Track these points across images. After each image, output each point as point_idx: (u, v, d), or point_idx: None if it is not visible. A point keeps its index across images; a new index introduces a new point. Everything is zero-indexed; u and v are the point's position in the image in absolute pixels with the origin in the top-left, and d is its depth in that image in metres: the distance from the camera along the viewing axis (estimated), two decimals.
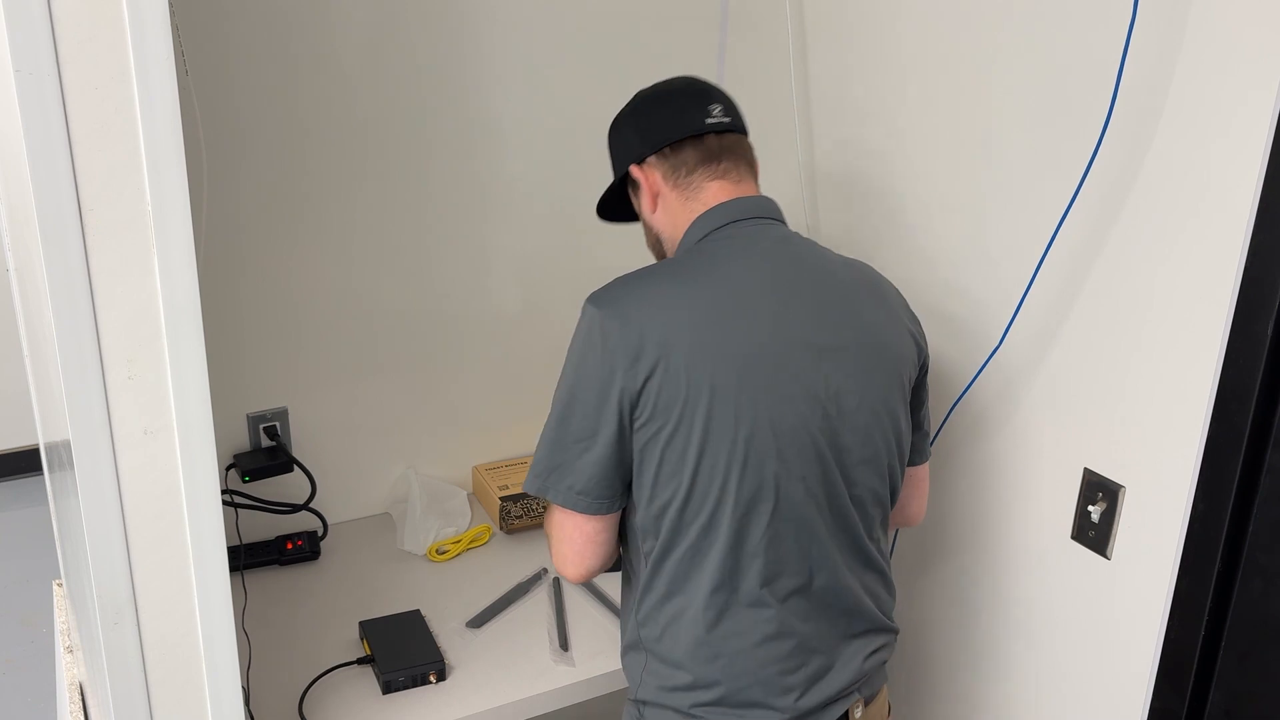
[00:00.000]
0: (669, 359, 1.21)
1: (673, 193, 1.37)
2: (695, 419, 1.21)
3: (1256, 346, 1.19)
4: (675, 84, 1.43)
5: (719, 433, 1.22)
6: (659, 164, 1.37)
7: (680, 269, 1.30)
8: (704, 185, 1.35)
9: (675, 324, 1.22)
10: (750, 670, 1.28)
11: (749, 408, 1.22)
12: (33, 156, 1.00)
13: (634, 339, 1.21)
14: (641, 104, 1.42)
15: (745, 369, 1.23)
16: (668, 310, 1.24)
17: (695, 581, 1.27)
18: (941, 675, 1.73)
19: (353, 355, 1.88)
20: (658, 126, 1.37)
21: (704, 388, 1.21)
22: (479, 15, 1.81)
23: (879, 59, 1.71)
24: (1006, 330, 1.48)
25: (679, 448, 1.23)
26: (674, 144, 1.35)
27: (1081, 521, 1.44)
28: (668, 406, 1.21)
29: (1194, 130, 1.23)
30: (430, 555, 1.84)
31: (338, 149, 1.77)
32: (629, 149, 1.40)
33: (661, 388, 1.21)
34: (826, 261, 1.35)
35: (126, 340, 1.08)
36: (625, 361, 1.21)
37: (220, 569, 1.20)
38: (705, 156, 1.35)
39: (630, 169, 1.39)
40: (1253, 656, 1.28)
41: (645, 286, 1.28)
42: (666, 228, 1.39)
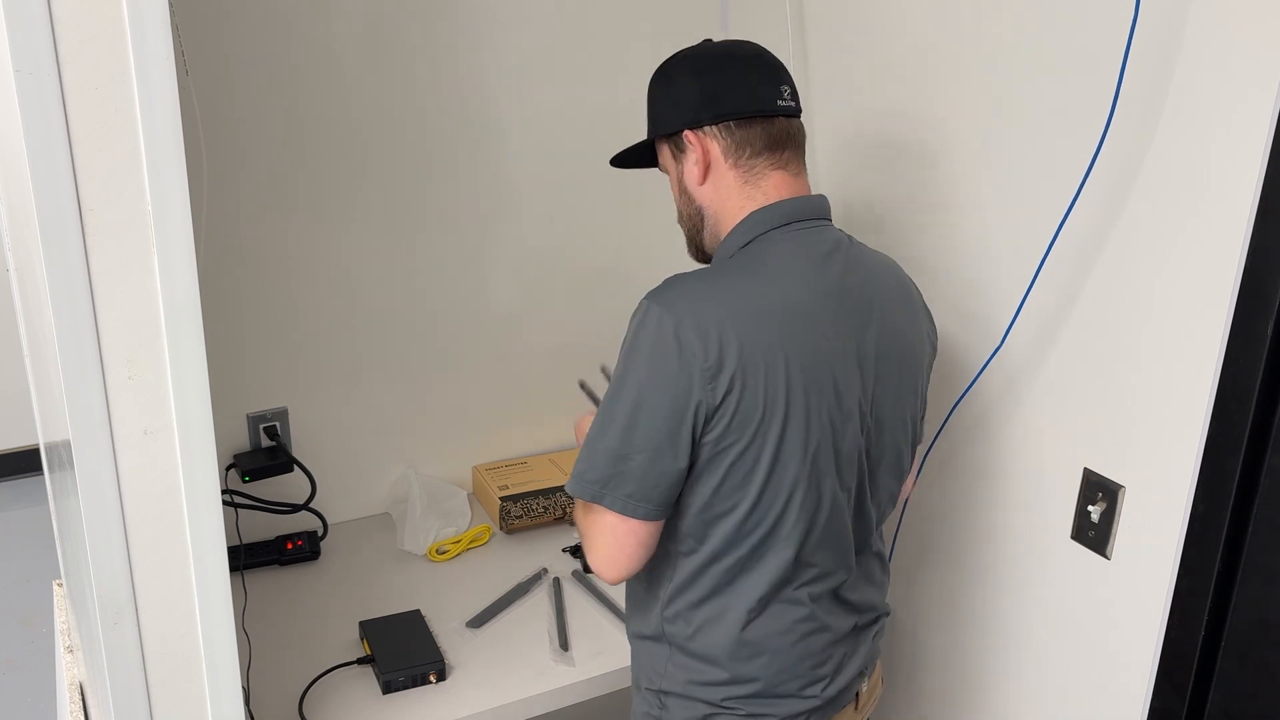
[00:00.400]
0: (746, 374, 1.16)
1: (731, 171, 1.27)
2: (768, 436, 1.18)
3: (1256, 346, 1.19)
4: (746, 49, 1.31)
5: (789, 451, 1.20)
6: (721, 136, 1.27)
7: (746, 274, 1.23)
8: (767, 173, 1.27)
9: (752, 338, 1.17)
10: (788, 666, 1.29)
11: (815, 426, 1.21)
12: (33, 156, 1.00)
13: (714, 352, 1.15)
14: (709, 63, 1.30)
15: (812, 386, 1.20)
16: (743, 322, 1.17)
17: (743, 587, 1.26)
18: (941, 675, 1.73)
19: (353, 355, 1.88)
20: (729, 94, 1.26)
21: (779, 405, 1.18)
22: (479, 15, 1.81)
23: (879, 59, 1.71)
24: (1007, 330, 1.48)
25: (748, 463, 1.19)
26: (743, 119, 1.26)
27: (1081, 521, 1.44)
28: (743, 424, 1.17)
29: (1194, 130, 1.23)
30: (430, 555, 1.84)
31: (338, 149, 1.77)
32: (686, 109, 1.29)
33: (739, 404, 1.16)
34: (872, 268, 1.32)
35: (126, 340, 1.08)
36: (704, 375, 1.15)
37: (220, 569, 1.20)
38: (772, 141, 1.27)
39: (685, 132, 1.28)
40: (1253, 656, 1.28)
41: (717, 293, 1.20)
42: (714, 205, 1.30)
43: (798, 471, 1.21)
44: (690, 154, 1.29)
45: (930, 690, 1.76)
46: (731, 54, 1.30)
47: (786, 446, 1.20)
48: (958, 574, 1.67)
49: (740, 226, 1.27)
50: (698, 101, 1.27)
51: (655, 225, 2.08)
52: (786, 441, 1.19)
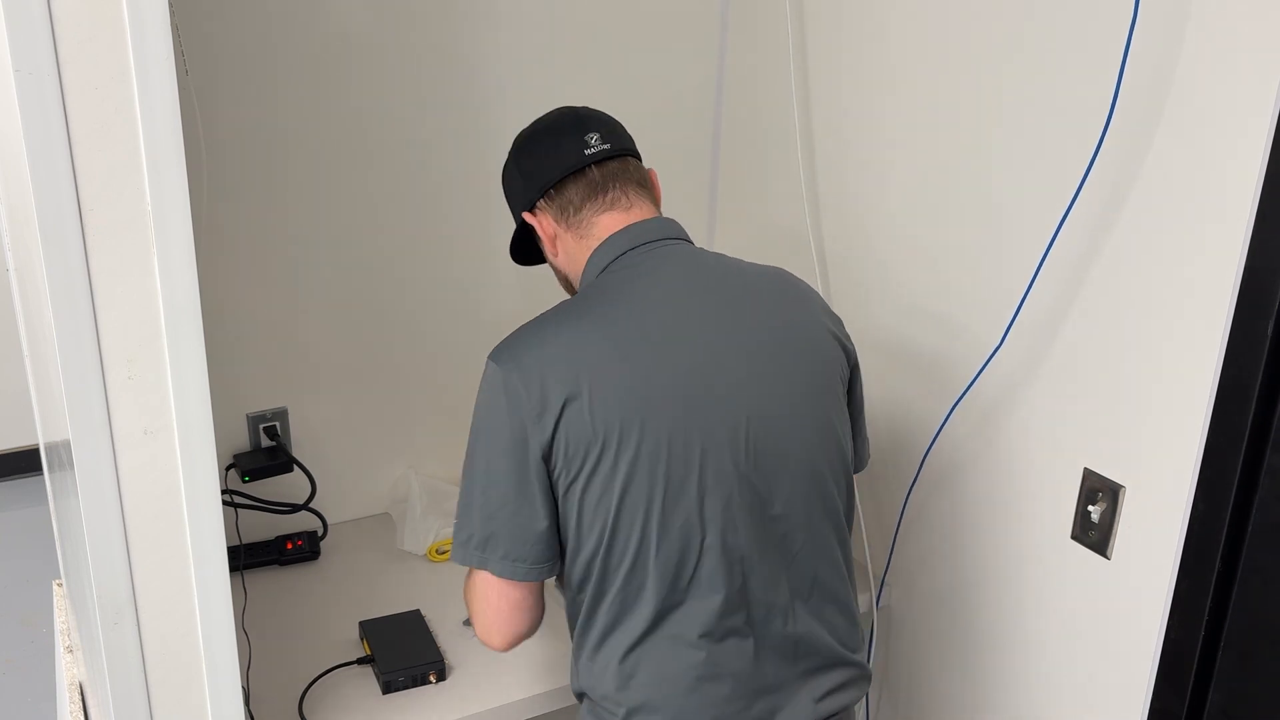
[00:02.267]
0: (574, 403, 1.17)
1: (568, 233, 1.33)
2: (606, 462, 1.17)
3: (1256, 346, 1.19)
4: (547, 120, 1.38)
5: (636, 473, 1.17)
6: (548, 207, 1.33)
7: (579, 307, 1.26)
8: (594, 220, 1.31)
9: (577, 366, 1.18)
10: (685, 715, 1.22)
11: (664, 443, 1.17)
12: (33, 156, 1.00)
13: (535, 390, 1.17)
14: (520, 147, 1.38)
15: (658, 401, 1.18)
16: (569, 353, 1.19)
17: (626, 627, 1.22)
18: (941, 675, 1.73)
19: (353, 355, 1.88)
20: (538, 169, 1.34)
21: (614, 428, 1.17)
22: (479, 16, 1.81)
23: (879, 59, 1.71)
24: (1007, 330, 1.48)
25: (596, 493, 1.18)
26: (557, 184, 1.31)
27: (1081, 521, 1.43)
28: (578, 453, 1.17)
29: (1194, 130, 1.23)
30: (430, 555, 1.84)
31: (338, 149, 1.77)
32: (518, 196, 1.38)
33: (570, 435, 1.17)
34: (737, 273, 1.31)
35: (126, 340, 1.08)
36: (533, 414, 1.17)
37: (220, 569, 1.20)
38: (590, 190, 1.31)
39: (524, 216, 1.36)
40: (1253, 656, 1.28)
41: (543, 332, 1.23)
42: (570, 268, 1.36)
43: (650, 492, 1.18)
44: (539, 233, 1.36)
45: (930, 690, 1.76)
46: (533, 130, 1.38)
47: (630, 468, 1.17)
48: (957, 574, 1.67)
49: (586, 270, 1.31)
50: (522, 186, 1.36)
51: None
52: (629, 463, 1.17)
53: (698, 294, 1.26)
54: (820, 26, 1.82)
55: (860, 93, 1.75)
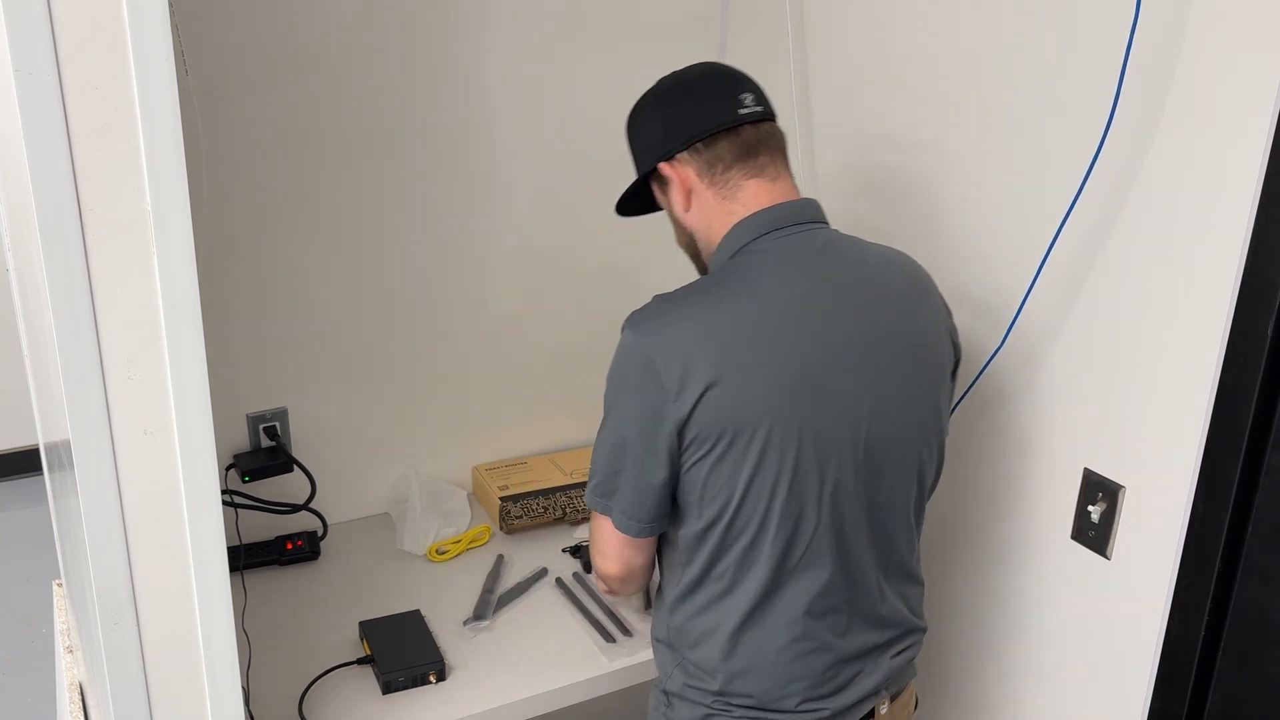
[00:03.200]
0: (714, 389, 1.18)
1: (709, 190, 1.30)
2: (739, 446, 1.20)
3: (1256, 346, 1.19)
4: (698, 70, 1.35)
5: (766, 459, 1.20)
6: (692, 160, 1.30)
7: (722, 289, 1.25)
8: (741, 184, 1.29)
9: (720, 352, 1.19)
10: (781, 684, 1.28)
11: (794, 434, 1.20)
12: (33, 156, 1.00)
13: (676, 371, 1.19)
14: (666, 94, 1.34)
15: (792, 392, 1.20)
16: (712, 337, 1.20)
17: (733, 599, 1.27)
18: (941, 675, 1.73)
19: (353, 355, 1.88)
20: (687, 119, 1.29)
21: (750, 417, 1.19)
22: (477, 16, 1.81)
23: (879, 59, 1.71)
24: (1008, 331, 1.48)
25: (724, 472, 1.21)
26: (707, 138, 1.28)
27: (1081, 521, 1.44)
28: (711, 435, 1.20)
29: (1195, 130, 1.23)
30: (430, 555, 1.84)
31: (338, 148, 1.77)
32: (655, 143, 1.33)
33: (709, 415, 1.19)
34: (871, 266, 1.31)
35: (126, 340, 1.08)
36: (671, 394, 1.19)
37: (220, 569, 1.20)
38: (742, 151, 1.28)
39: (659, 165, 1.32)
40: (1252, 657, 1.28)
41: (688, 309, 1.24)
42: (702, 227, 1.33)
43: (776, 477, 1.21)
44: (671, 184, 1.32)
45: (930, 690, 1.76)
46: (682, 79, 1.34)
47: (766, 459, 1.20)
48: (957, 574, 1.67)
49: (724, 242, 1.29)
50: (663, 134, 1.31)
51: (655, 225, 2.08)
52: (766, 455, 1.20)
53: (834, 286, 1.27)
54: (820, 27, 1.82)
55: (860, 93, 1.75)
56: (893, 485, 1.30)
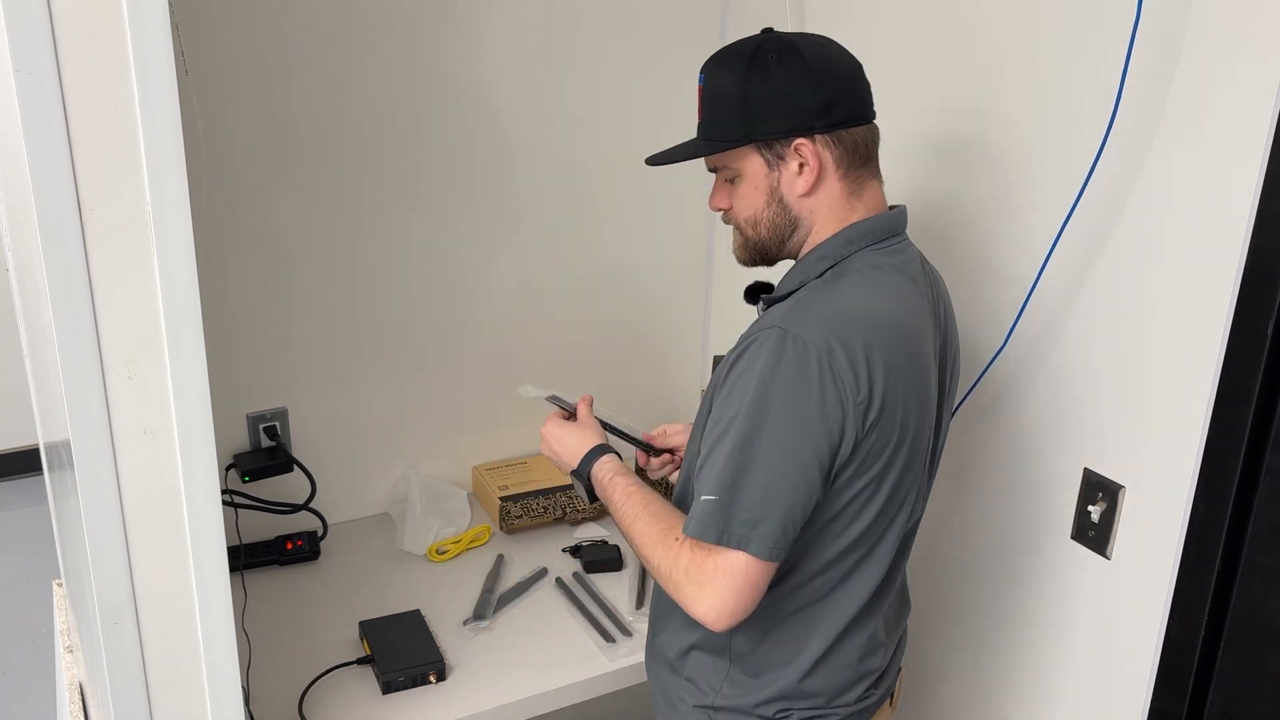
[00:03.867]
0: (887, 402, 1.12)
1: (840, 183, 1.19)
2: (894, 465, 1.16)
3: (1256, 346, 1.19)
4: (836, 49, 1.22)
5: (907, 479, 1.19)
6: (833, 145, 1.18)
7: (871, 291, 1.16)
8: (868, 184, 1.21)
9: (891, 360, 1.12)
10: (851, 681, 1.28)
11: (919, 451, 1.20)
12: (33, 156, 1.00)
13: (864, 382, 1.10)
14: (817, 61, 1.17)
15: (921, 413, 1.18)
16: (884, 343, 1.12)
17: (829, 606, 1.23)
18: (941, 675, 1.73)
19: (353, 355, 1.88)
20: (843, 100, 1.17)
21: (907, 434, 1.16)
22: (478, 14, 1.81)
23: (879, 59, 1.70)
24: (1009, 331, 1.48)
25: (869, 491, 1.16)
26: (855, 127, 1.19)
27: (1081, 521, 1.43)
28: (878, 454, 1.14)
29: (1195, 130, 1.23)
30: (430, 555, 1.84)
31: (338, 148, 1.77)
32: (797, 113, 1.16)
33: (880, 434, 1.13)
34: (938, 284, 1.32)
35: (126, 340, 1.08)
36: (858, 409, 1.10)
37: (220, 569, 1.20)
38: (871, 149, 1.21)
39: (797, 141, 1.17)
40: (1253, 657, 1.28)
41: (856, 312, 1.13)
42: (813, 216, 1.21)
43: (904, 497, 1.20)
44: (792, 162, 1.19)
45: (930, 690, 1.76)
46: (830, 54, 1.20)
47: (904, 473, 1.19)
48: (957, 574, 1.67)
49: (835, 239, 1.19)
50: (813, 106, 1.16)
51: (656, 224, 2.09)
52: (906, 468, 1.19)
53: (935, 307, 1.26)
54: (820, 27, 1.82)
55: None
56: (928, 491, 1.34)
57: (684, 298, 2.16)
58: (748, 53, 1.20)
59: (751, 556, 1.11)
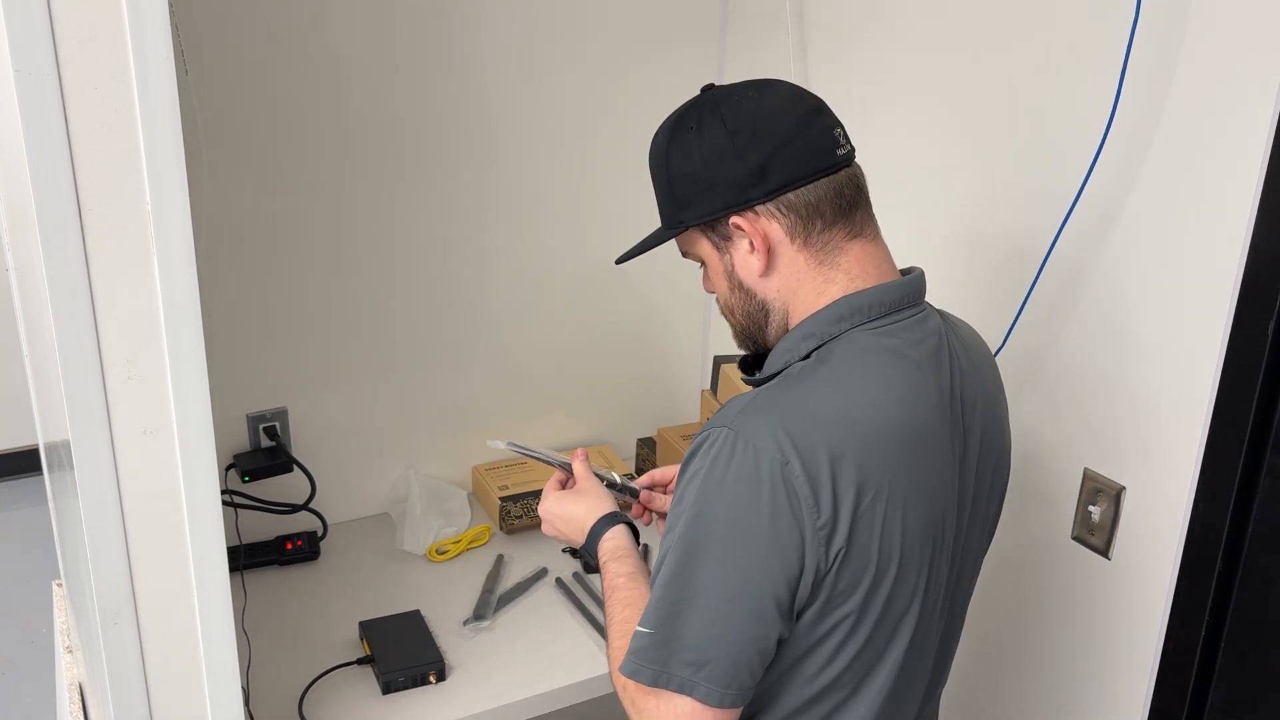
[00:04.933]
0: (861, 523, 0.94)
1: (801, 254, 1.02)
2: (877, 595, 0.98)
3: (1256, 346, 1.19)
4: (779, 91, 1.04)
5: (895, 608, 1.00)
6: (779, 214, 1.01)
7: (847, 387, 0.98)
8: (843, 246, 1.03)
9: (867, 473, 0.94)
10: None
11: (922, 573, 1.00)
12: (33, 156, 1.00)
13: (828, 499, 0.93)
14: (741, 121, 1.01)
15: (922, 529, 0.99)
16: (857, 450, 0.94)
17: None
18: None
19: (353, 355, 1.88)
20: (780, 157, 1.00)
21: (893, 557, 0.97)
22: (478, 16, 1.81)
23: (879, 58, 1.71)
24: (1009, 331, 1.48)
25: (849, 625, 0.99)
26: (804, 185, 1.00)
27: (1081, 521, 1.44)
28: (852, 586, 0.96)
29: (1195, 130, 1.23)
30: (430, 555, 1.84)
31: (338, 149, 1.77)
32: (726, 187, 1.02)
33: (852, 561, 0.95)
34: (971, 357, 1.11)
35: (126, 340, 1.08)
36: (818, 533, 0.93)
37: (220, 569, 1.20)
38: (843, 205, 1.02)
39: (731, 219, 1.03)
40: (1253, 656, 1.28)
41: (821, 414, 0.95)
42: (783, 296, 1.05)
43: (897, 625, 1.01)
44: (740, 243, 1.04)
45: None
46: (762, 107, 1.02)
47: (894, 603, 1.00)
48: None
49: (818, 317, 1.02)
50: (740, 177, 1.01)
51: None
52: (895, 597, 0.99)
53: (957, 394, 1.05)
54: (820, 27, 1.82)
55: (860, 93, 1.75)
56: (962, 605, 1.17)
57: (684, 298, 2.16)
58: (670, 125, 1.08)
59: (698, 702, 0.96)
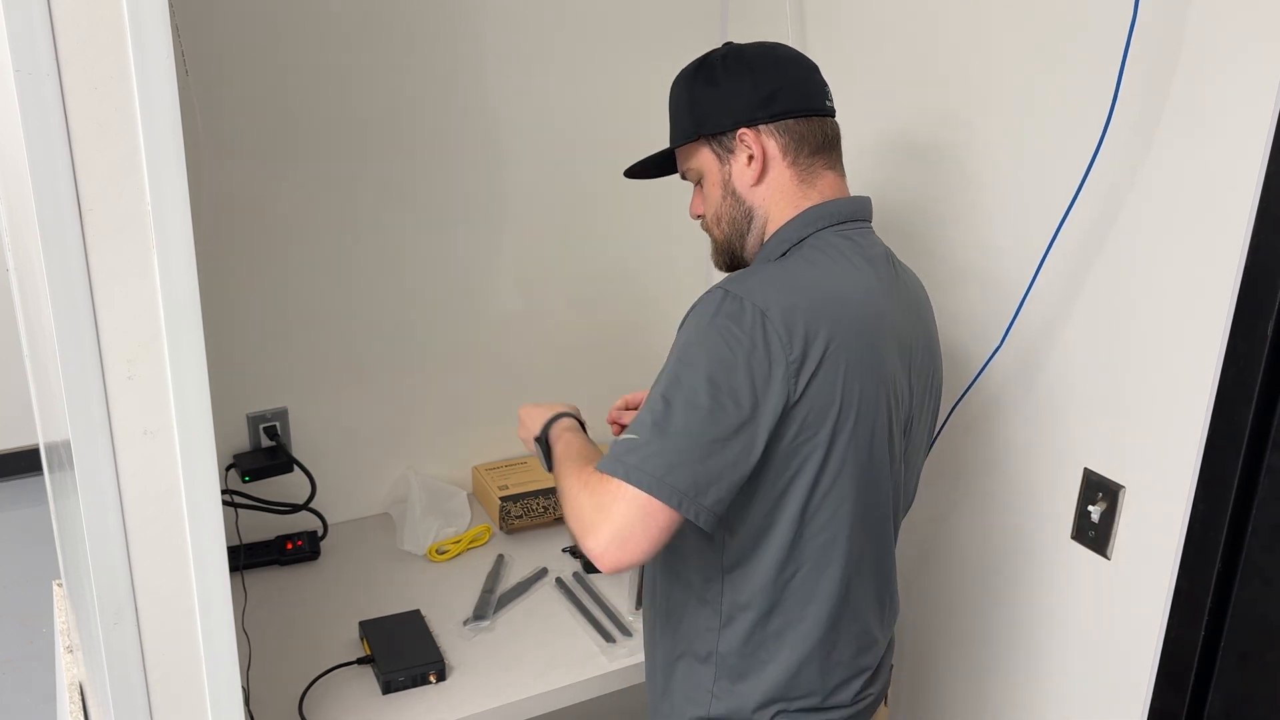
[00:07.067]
0: (827, 368, 1.11)
1: (788, 170, 1.24)
2: (839, 437, 1.14)
3: (1256, 346, 1.19)
4: (787, 51, 1.28)
5: (855, 454, 1.16)
6: (777, 134, 1.23)
7: (821, 266, 1.18)
8: (821, 172, 1.25)
9: (836, 330, 1.12)
10: (846, 680, 1.27)
11: (878, 429, 1.17)
12: (33, 156, 1.00)
13: (799, 344, 1.10)
14: (757, 63, 1.25)
15: (876, 389, 1.16)
16: (829, 313, 1.12)
17: (810, 600, 1.21)
18: (941, 675, 1.73)
19: (353, 355, 1.88)
20: (785, 92, 1.23)
21: (851, 405, 1.14)
22: (478, 16, 1.82)
23: (879, 58, 1.71)
24: (1007, 330, 1.48)
25: (814, 465, 1.14)
26: (800, 117, 1.23)
27: (1081, 521, 1.44)
28: (818, 422, 1.12)
29: (1194, 130, 1.23)
30: (430, 555, 1.84)
31: (337, 149, 1.77)
32: (740, 107, 1.24)
33: (818, 399, 1.11)
34: (910, 280, 1.31)
35: (126, 340, 1.08)
36: (789, 368, 1.09)
37: (220, 569, 1.20)
38: (825, 142, 1.25)
39: (740, 131, 1.24)
40: (1253, 656, 1.28)
41: (800, 284, 1.15)
42: (765, 205, 1.25)
43: (859, 476, 1.17)
44: (741, 154, 1.25)
45: (930, 690, 1.76)
46: (776, 54, 1.27)
47: (856, 443, 1.16)
48: (957, 574, 1.67)
49: (794, 222, 1.24)
50: (753, 100, 1.23)
51: (656, 225, 2.09)
52: (856, 438, 1.15)
53: (895, 294, 1.24)
54: (820, 26, 1.82)
55: (859, 93, 1.75)
56: (905, 496, 1.33)
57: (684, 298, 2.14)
58: (698, 62, 1.29)
59: (657, 500, 1.08)
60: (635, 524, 1.09)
